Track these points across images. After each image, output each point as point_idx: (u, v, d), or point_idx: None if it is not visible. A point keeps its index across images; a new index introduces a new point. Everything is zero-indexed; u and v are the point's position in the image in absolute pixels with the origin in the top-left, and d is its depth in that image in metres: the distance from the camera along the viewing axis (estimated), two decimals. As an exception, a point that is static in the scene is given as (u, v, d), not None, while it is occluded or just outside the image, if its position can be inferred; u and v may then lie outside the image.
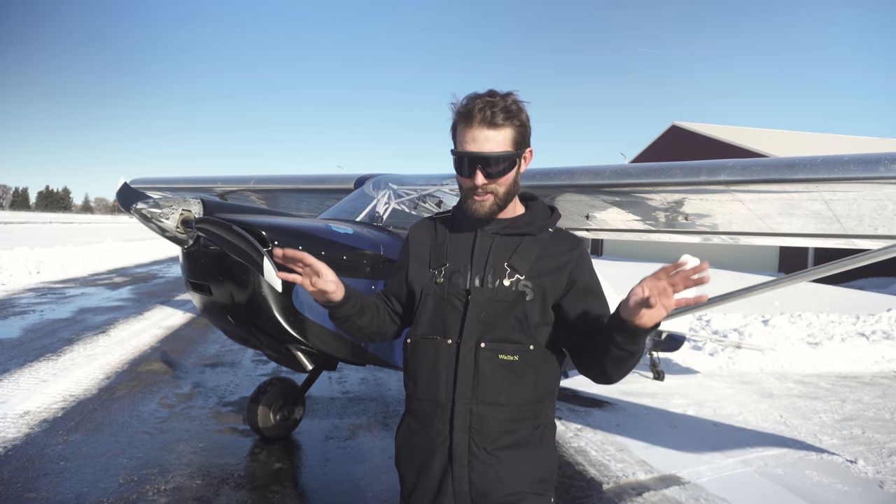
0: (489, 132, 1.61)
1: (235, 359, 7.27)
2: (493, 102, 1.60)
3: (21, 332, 8.13)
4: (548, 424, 1.73)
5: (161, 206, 3.43)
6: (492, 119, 1.60)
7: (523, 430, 1.66)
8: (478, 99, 1.62)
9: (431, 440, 1.68)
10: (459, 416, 1.64)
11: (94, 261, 18.55)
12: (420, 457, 1.71)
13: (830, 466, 4.72)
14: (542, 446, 1.69)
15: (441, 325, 1.71)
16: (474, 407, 1.64)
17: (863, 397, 7.05)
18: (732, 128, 33.42)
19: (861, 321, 11.67)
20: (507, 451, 1.64)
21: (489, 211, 1.69)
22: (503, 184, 1.67)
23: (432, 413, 1.69)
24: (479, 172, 1.63)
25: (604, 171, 4.04)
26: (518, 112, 1.64)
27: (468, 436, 1.64)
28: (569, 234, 1.81)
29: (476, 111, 1.60)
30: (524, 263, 1.69)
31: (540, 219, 1.77)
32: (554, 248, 1.73)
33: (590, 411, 5.98)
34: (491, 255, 1.71)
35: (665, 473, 4.42)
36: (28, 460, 4.01)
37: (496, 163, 1.63)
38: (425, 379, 1.72)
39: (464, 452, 1.64)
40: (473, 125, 1.61)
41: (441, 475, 1.66)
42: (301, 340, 3.55)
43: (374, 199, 4.68)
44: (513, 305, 1.65)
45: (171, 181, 8.27)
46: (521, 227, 1.74)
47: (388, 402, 5.83)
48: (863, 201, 3.44)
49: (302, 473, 4.10)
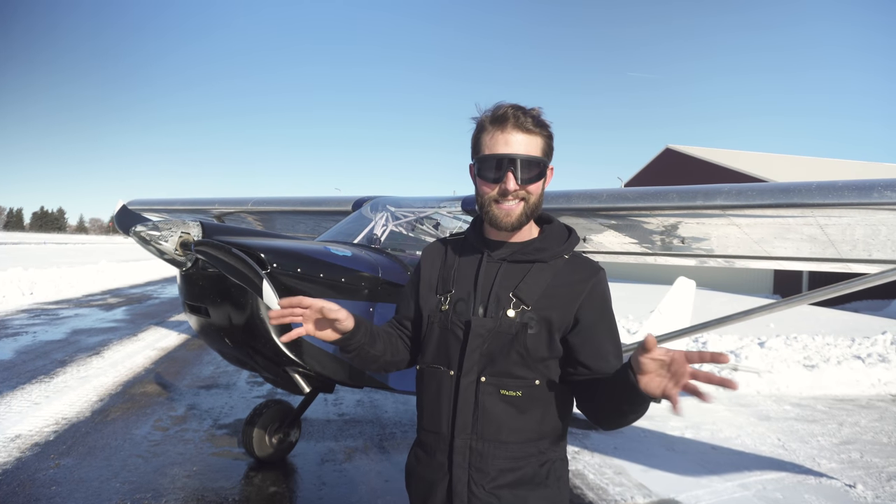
0: (522, 136, 1.56)
1: (230, 380, 7.21)
2: (524, 110, 1.58)
3: (13, 353, 8.06)
4: (557, 460, 1.63)
5: (160, 228, 3.44)
6: (524, 124, 1.56)
7: (527, 468, 1.58)
8: (508, 106, 1.58)
9: (434, 472, 1.63)
10: (459, 452, 1.59)
11: (89, 282, 18.44)
12: (423, 487, 1.67)
13: (829, 491, 4.69)
14: (548, 485, 1.59)
15: (444, 354, 1.64)
16: (474, 443, 1.58)
17: (860, 420, 7.04)
18: (727, 151, 33.76)
19: (857, 344, 11.68)
20: (509, 490, 1.56)
21: (517, 220, 1.60)
22: (534, 192, 1.60)
23: (435, 446, 1.64)
24: (511, 176, 1.55)
25: (601, 194, 4.07)
26: (546, 123, 1.62)
27: (467, 473, 1.57)
28: (586, 261, 1.69)
29: (510, 115, 1.56)
30: (531, 293, 1.59)
31: (554, 244, 1.66)
32: (567, 278, 1.62)
33: (587, 434, 5.95)
34: (496, 284, 1.62)
35: (663, 497, 4.39)
36: (19, 485, 3.95)
37: (530, 167, 1.57)
38: (429, 410, 1.67)
39: (463, 489, 1.57)
40: (507, 128, 1.56)
41: None
42: (299, 363, 3.54)
43: (372, 221, 4.71)
44: (515, 338, 1.57)
45: (168, 203, 8.28)
46: (530, 254, 1.64)
47: (385, 424, 5.79)
48: (857, 226, 3.48)
49: (297, 497, 4.05)
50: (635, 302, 17.38)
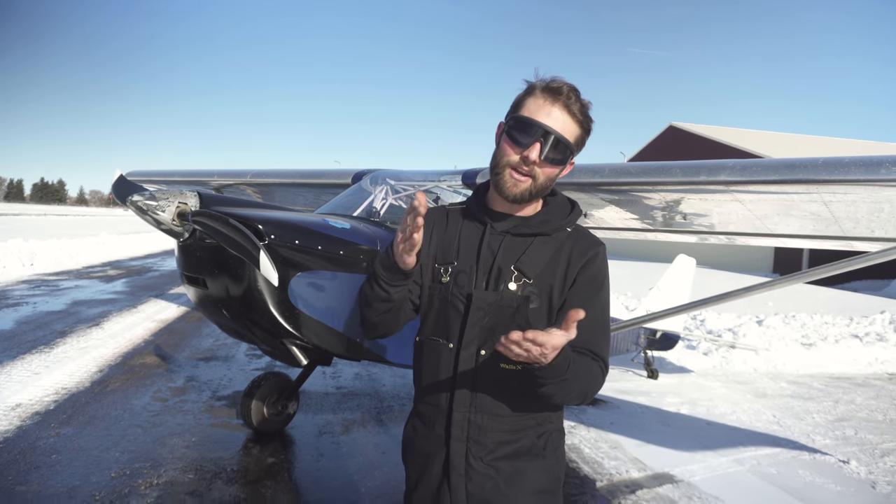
0: (565, 116, 1.53)
1: (229, 353, 7.24)
2: (578, 94, 1.55)
3: (14, 324, 8.08)
4: (554, 431, 1.64)
5: (157, 198, 3.40)
6: (573, 106, 1.53)
7: (525, 440, 1.59)
8: (567, 83, 1.55)
9: (431, 444, 1.64)
10: (457, 425, 1.59)
11: (89, 253, 18.44)
12: (421, 458, 1.67)
13: (823, 466, 4.73)
14: (545, 456, 1.60)
15: (444, 327, 1.63)
16: (472, 416, 1.58)
17: (856, 398, 7.08)
18: (730, 129, 33.50)
19: (855, 323, 11.72)
20: (507, 462, 1.57)
21: (521, 194, 1.56)
22: (547, 174, 1.56)
23: (434, 418, 1.64)
24: (538, 146, 1.52)
25: (603, 169, 4.02)
26: (590, 119, 1.59)
27: (465, 445, 1.58)
28: (588, 235, 1.67)
29: (564, 91, 1.53)
30: (533, 266, 1.58)
31: (557, 217, 1.64)
32: (568, 251, 1.61)
33: (584, 409, 5.98)
34: (498, 256, 1.60)
35: (658, 471, 4.43)
36: (19, 453, 3.98)
37: (558, 148, 1.53)
38: (428, 382, 1.67)
39: (460, 462, 1.58)
40: (556, 103, 1.53)
41: (439, 481, 1.62)
42: (296, 335, 3.53)
43: (372, 194, 4.66)
44: (517, 312, 1.56)
45: (167, 174, 8.22)
46: (534, 227, 1.62)
47: (382, 397, 5.82)
48: (861, 203, 3.44)
49: (295, 468, 4.09)
50: (635, 279, 17.40)
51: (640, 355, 7.60)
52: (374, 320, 1.68)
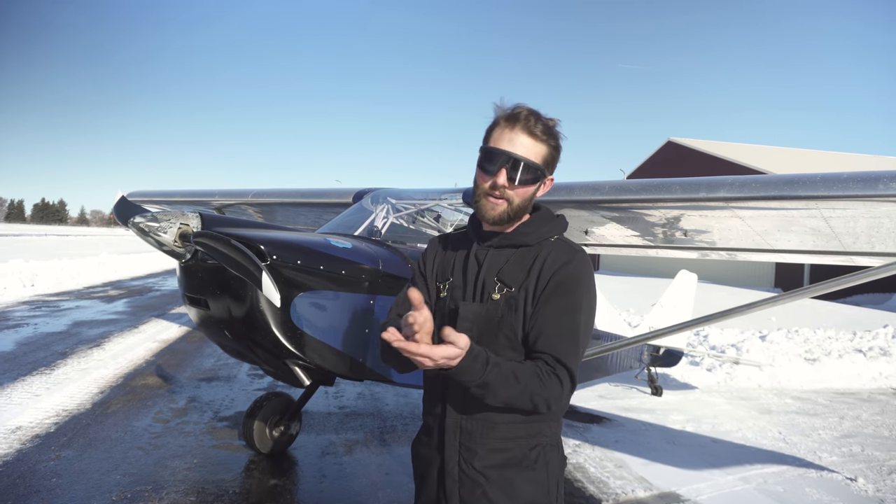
0: (527, 139, 1.62)
1: (231, 373, 7.21)
2: (539, 116, 1.63)
3: (14, 345, 8.06)
4: (547, 445, 1.66)
5: (159, 219, 3.42)
6: (533, 129, 1.61)
7: (516, 450, 1.62)
8: (525, 108, 1.64)
9: (431, 451, 1.72)
10: (449, 431, 1.66)
11: (90, 273, 18.43)
12: (423, 466, 1.75)
13: (830, 484, 4.69)
14: (535, 468, 1.63)
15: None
16: (464, 423, 1.64)
17: (861, 414, 7.03)
18: (728, 144, 33.66)
19: (858, 337, 11.69)
20: (496, 471, 1.61)
21: (499, 217, 1.65)
22: (520, 195, 1.64)
23: (433, 426, 1.72)
24: (504, 172, 1.61)
25: (603, 186, 4.04)
26: (556, 135, 1.66)
27: (458, 452, 1.64)
28: (568, 245, 1.70)
29: (522, 116, 1.62)
30: (514, 276, 1.64)
31: (538, 228, 1.70)
32: (543, 258, 1.65)
33: (588, 427, 5.95)
34: (483, 269, 1.68)
35: (664, 490, 4.38)
36: (19, 477, 3.95)
37: (526, 170, 1.61)
38: (428, 393, 1.77)
39: (454, 468, 1.64)
40: (515, 128, 1.62)
41: (437, 487, 1.69)
42: (299, 356, 3.52)
43: (373, 213, 4.68)
44: (501, 321, 1.62)
45: (168, 194, 8.26)
46: (515, 238, 1.69)
47: (385, 417, 5.79)
48: (861, 218, 3.45)
49: (298, 490, 4.05)
50: (637, 295, 17.38)
51: (644, 372, 7.57)
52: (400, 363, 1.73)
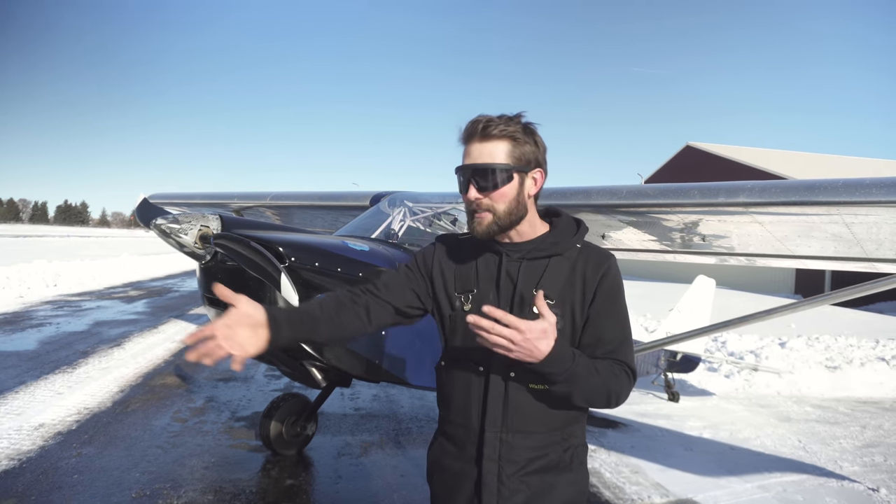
0: (482, 145, 1.59)
1: (248, 374, 7.28)
2: (491, 119, 1.59)
3: (38, 344, 8.21)
4: (578, 445, 1.68)
5: (180, 221, 3.48)
6: (484, 131, 1.58)
7: (552, 455, 1.62)
8: (476, 118, 1.61)
9: (463, 464, 1.67)
10: (489, 445, 1.62)
11: (111, 274, 18.72)
12: (452, 479, 1.70)
13: (852, 494, 4.61)
14: (572, 469, 1.64)
15: (472, 352, 1.65)
16: (504, 436, 1.62)
17: (883, 423, 6.91)
18: (747, 149, 33.28)
19: (881, 345, 11.47)
20: (537, 476, 1.61)
21: (487, 230, 1.62)
22: (500, 200, 1.59)
23: (465, 438, 1.68)
24: (472, 186, 1.60)
25: (621, 191, 4.03)
26: (518, 128, 1.60)
27: (497, 464, 1.61)
28: (597, 249, 1.70)
29: (470, 128, 1.61)
30: (554, 287, 1.61)
31: (566, 236, 1.68)
32: (582, 267, 1.64)
33: (603, 432, 5.91)
34: (519, 283, 1.63)
35: (681, 497, 4.34)
36: (42, 473, 4.03)
37: (486, 175, 1.58)
38: (458, 404, 1.70)
39: (493, 481, 1.61)
40: (471, 141, 1.61)
41: (469, 500, 1.65)
42: (316, 357, 3.55)
43: (390, 216, 4.71)
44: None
45: (188, 196, 8.37)
46: (547, 249, 1.65)
47: (401, 419, 5.80)
48: (884, 224, 3.40)
49: (314, 490, 4.08)
50: (654, 300, 17.23)
51: (661, 377, 7.51)
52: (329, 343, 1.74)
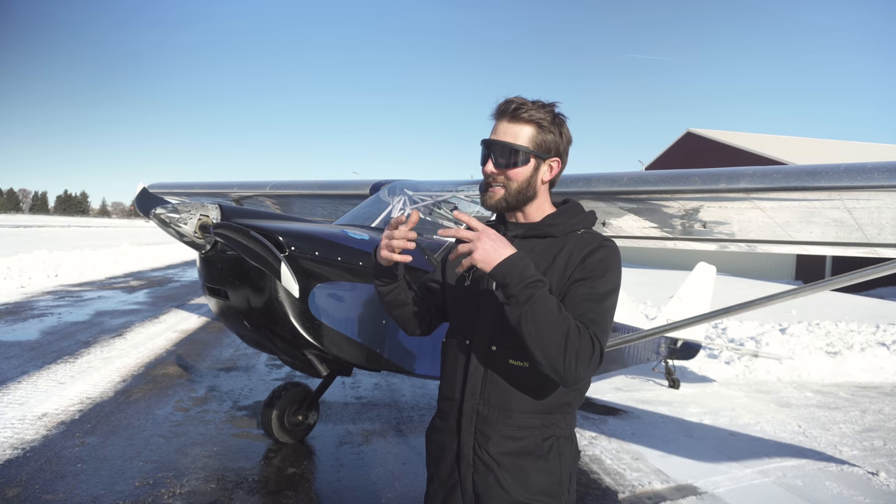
0: (509, 125, 1.66)
1: (250, 363, 7.30)
2: (524, 103, 1.66)
3: (40, 334, 8.23)
4: (561, 437, 1.67)
5: (179, 211, 3.46)
6: (514, 112, 1.65)
7: (529, 440, 1.63)
8: (512, 99, 1.68)
9: (446, 435, 1.74)
10: (466, 416, 1.68)
11: (111, 264, 18.74)
12: (437, 451, 1.77)
13: (851, 478, 4.64)
14: (548, 458, 1.63)
15: (462, 325, 1.75)
16: (481, 408, 1.66)
17: (884, 408, 6.93)
18: (748, 135, 33.13)
19: (881, 330, 11.49)
20: (510, 458, 1.62)
21: (496, 204, 1.70)
22: (514, 179, 1.66)
23: (448, 411, 1.75)
24: (490, 161, 1.68)
25: (621, 178, 4.01)
26: (546, 116, 1.66)
27: (473, 436, 1.66)
28: (595, 235, 1.70)
29: (504, 106, 1.67)
30: (539, 265, 1.62)
31: (565, 220, 1.71)
32: (570, 249, 1.65)
33: (604, 419, 5.93)
34: None
35: (681, 483, 4.37)
36: (46, 462, 4.05)
37: (506, 153, 1.65)
38: (446, 377, 1.79)
39: (469, 451, 1.66)
40: (501, 118, 1.67)
41: (451, 470, 1.70)
42: (317, 346, 3.56)
43: (390, 205, 4.69)
44: None
45: (188, 186, 8.34)
46: (542, 229, 1.70)
47: (402, 407, 5.82)
48: (886, 209, 3.38)
49: (316, 478, 4.10)
50: (655, 287, 17.25)
51: (661, 364, 7.53)
52: (392, 316, 1.89)
